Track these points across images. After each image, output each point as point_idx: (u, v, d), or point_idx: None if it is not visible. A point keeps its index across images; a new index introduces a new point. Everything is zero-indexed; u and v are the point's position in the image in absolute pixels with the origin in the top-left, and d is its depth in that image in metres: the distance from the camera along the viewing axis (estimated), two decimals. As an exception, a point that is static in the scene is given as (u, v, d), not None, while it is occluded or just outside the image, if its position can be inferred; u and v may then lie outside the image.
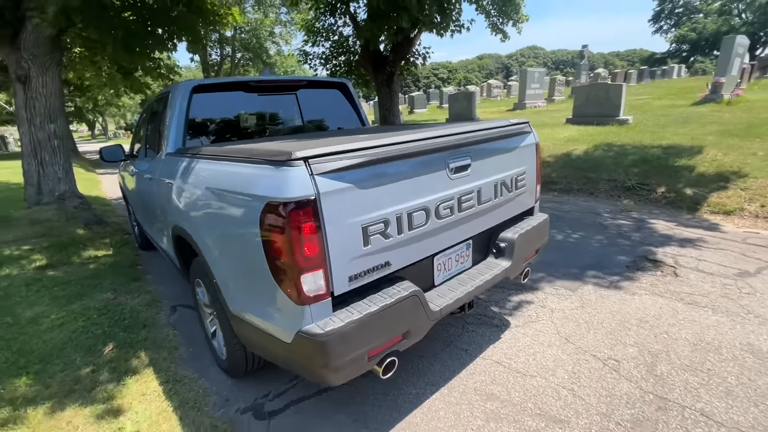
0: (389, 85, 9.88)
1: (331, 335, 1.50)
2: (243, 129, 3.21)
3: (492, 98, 26.62)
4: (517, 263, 2.37)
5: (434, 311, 1.88)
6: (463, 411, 2.13)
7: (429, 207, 1.84)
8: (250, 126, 3.22)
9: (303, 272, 1.47)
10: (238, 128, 3.20)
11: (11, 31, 5.41)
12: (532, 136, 2.53)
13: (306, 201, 1.42)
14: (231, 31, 20.18)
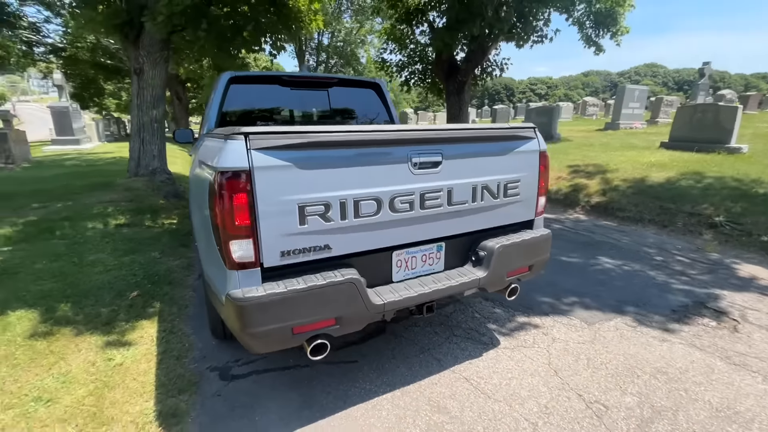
0: (459, 94, 9.74)
1: (250, 302, 1.59)
2: (273, 117, 3.50)
3: (587, 116, 24.50)
4: (495, 276, 2.20)
5: (376, 304, 1.85)
6: (407, 416, 2.05)
7: (381, 198, 1.83)
8: (278, 115, 3.50)
9: (232, 239, 1.59)
10: (269, 116, 3.50)
11: (135, 33, 6.60)
12: (536, 143, 2.33)
13: (239, 172, 1.54)
14: (315, 34, 21.75)
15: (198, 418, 2.03)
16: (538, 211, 2.46)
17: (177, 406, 2.08)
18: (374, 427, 1.98)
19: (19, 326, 2.59)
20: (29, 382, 2.12)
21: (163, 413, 2.02)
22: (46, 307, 2.83)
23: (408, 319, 3.01)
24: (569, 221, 5.86)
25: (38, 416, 1.90)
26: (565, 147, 10.37)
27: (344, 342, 2.70)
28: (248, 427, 1.98)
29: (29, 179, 8.14)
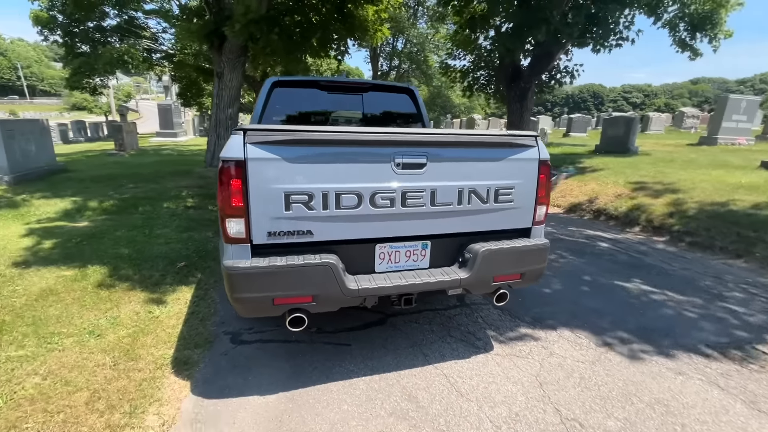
0: (521, 101, 9.44)
1: (237, 271, 1.88)
2: (309, 119, 3.86)
3: (683, 129, 21.79)
4: (478, 279, 2.25)
5: (351, 289, 2.04)
6: (377, 398, 2.20)
7: (362, 193, 2.02)
8: (315, 117, 3.85)
9: (229, 218, 1.90)
10: (307, 118, 3.86)
11: (219, 41, 7.57)
12: (535, 152, 2.32)
13: (236, 162, 1.84)
14: (390, 38, 22.18)
15: (204, 369, 2.40)
16: (537, 220, 2.44)
17: (190, 356, 2.48)
18: (344, 402, 2.17)
19: (92, 277, 3.25)
20: (89, 320, 2.68)
21: (179, 360, 2.43)
22: (115, 266, 3.48)
23: (409, 314, 3.14)
24: (621, 241, 5.42)
25: (88, 345, 2.42)
26: (638, 162, 9.45)
27: (344, 327, 2.93)
28: (240, 383, 2.29)
29: (132, 164, 9.70)
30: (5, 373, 2.11)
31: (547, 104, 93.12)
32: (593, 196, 7.45)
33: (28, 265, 3.44)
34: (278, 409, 2.10)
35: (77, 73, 14.66)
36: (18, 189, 6.37)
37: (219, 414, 2.05)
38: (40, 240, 4.02)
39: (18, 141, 7.05)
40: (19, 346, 2.34)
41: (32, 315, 2.68)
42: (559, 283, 3.88)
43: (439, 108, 59.12)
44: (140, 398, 2.06)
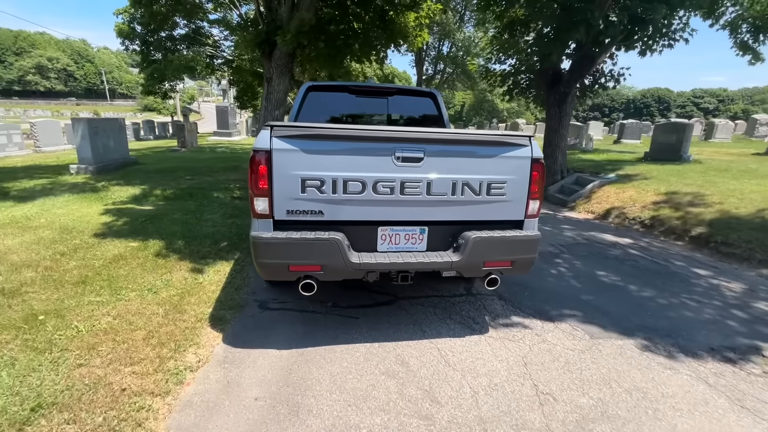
0: (560, 106, 9.30)
1: (260, 240, 2.31)
2: (339, 119, 4.28)
3: (755, 138, 19.89)
4: (469, 262, 2.51)
5: (353, 262, 2.40)
6: (373, 360, 2.54)
7: (366, 181, 2.37)
8: (344, 117, 4.26)
9: (256, 197, 2.33)
10: (336, 118, 4.29)
11: (269, 49, 8.30)
12: (527, 150, 2.54)
13: (264, 151, 2.27)
14: (437, 42, 22.33)
15: (234, 326, 2.87)
16: (529, 213, 2.65)
17: (224, 315, 2.96)
18: (345, 360, 2.53)
19: (152, 248, 3.89)
20: (148, 280, 3.28)
21: (215, 317, 2.92)
22: (170, 241, 4.12)
23: (416, 298, 3.44)
24: (649, 248, 5.32)
25: (146, 299, 2.99)
26: (687, 170, 8.98)
27: (356, 304, 3.29)
28: (262, 339, 2.73)
29: (190, 159, 10.80)
30: (87, 312, 2.72)
31: (605, 109, 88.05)
32: (629, 203, 7.25)
33: (105, 237, 4.17)
34: (290, 361, 2.51)
35: (150, 79, 16.39)
36: (99, 177, 7.46)
37: (243, 359, 2.50)
38: (114, 218, 4.82)
39: (100, 137, 8.21)
40: (97, 295, 2.96)
41: (107, 273, 3.33)
42: (571, 282, 3.99)
43: (486, 112, 58.16)
44: (183, 340, 2.56)
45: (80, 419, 1.83)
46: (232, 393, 2.19)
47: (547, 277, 4.11)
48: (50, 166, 9.47)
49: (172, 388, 2.16)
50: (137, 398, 2.02)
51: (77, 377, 2.09)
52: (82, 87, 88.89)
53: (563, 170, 9.69)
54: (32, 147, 13.27)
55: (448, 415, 2.10)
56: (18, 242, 3.83)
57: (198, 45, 18.07)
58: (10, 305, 2.72)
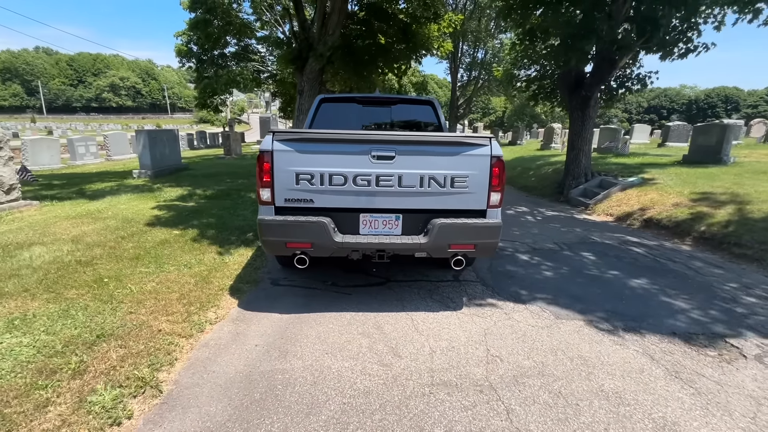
0: (583, 110, 9.33)
1: (264, 222, 2.93)
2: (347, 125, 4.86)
3: (826, 139, 18.08)
4: (435, 244, 2.97)
5: (336, 241, 2.94)
6: (355, 324, 3.06)
7: (347, 175, 2.91)
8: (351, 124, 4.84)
9: (261, 188, 2.96)
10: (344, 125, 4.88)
11: (302, 64, 9.17)
12: (487, 149, 2.96)
13: (268, 152, 2.89)
14: (471, 50, 22.48)
15: (248, 296, 3.51)
16: (491, 204, 3.06)
17: (242, 288, 3.62)
18: (331, 323, 3.07)
19: (190, 235, 4.70)
20: (185, 259, 4.04)
21: (234, 288, 3.59)
22: (205, 230, 4.92)
23: (405, 282, 3.91)
24: (656, 248, 5.38)
25: (182, 271, 3.73)
26: (720, 173, 8.65)
27: (352, 284, 3.83)
28: (269, 306, 3.34)
29: (233, 165, 11.95)
30: (138, 278, 3.49)
31: (662, 111, 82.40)
32: (649, 205, 7.21)
33: (154, 225, 5.06)
34: (288, 322, 3.09)
35: (203, 93, 18.13)
36: (155, 180, 8.64)
37: (251, 319, 3.12)
38: (163, 212, 5.75)
39: (158, 146, 9.47)
40: (146, 267, 3.74)
41: (155, 253, 4.14)
42: (558, 273, 4.26)
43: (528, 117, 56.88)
44: (207, 302, 3.23)
45: (128, 345, 2.52)
46: (239, 340, 2.81)
47: (537, 269, 4.41)
48: (118, 171, 10.98)
49: (194, 333, 2.82)
50: (169, 337, 2.69)
51: (128, 320, 2.81)
52: (147, 102, 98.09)
53: (587, 173, 9.66)
54: (105, 156, 15.25)
55: (404, 364, 2.56)
56: (91, 228, 4.79)
57: (246, 61, 19.70)
58: (84, 272, 3.56)
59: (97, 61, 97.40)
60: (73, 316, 2.78)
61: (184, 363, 2.50)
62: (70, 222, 5.00)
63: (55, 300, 3.00)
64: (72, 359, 2.32)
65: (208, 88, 17.62)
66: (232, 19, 15.99)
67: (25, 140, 11.90)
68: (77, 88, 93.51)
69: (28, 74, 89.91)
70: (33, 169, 11.76)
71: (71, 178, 9.67)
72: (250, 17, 18.68)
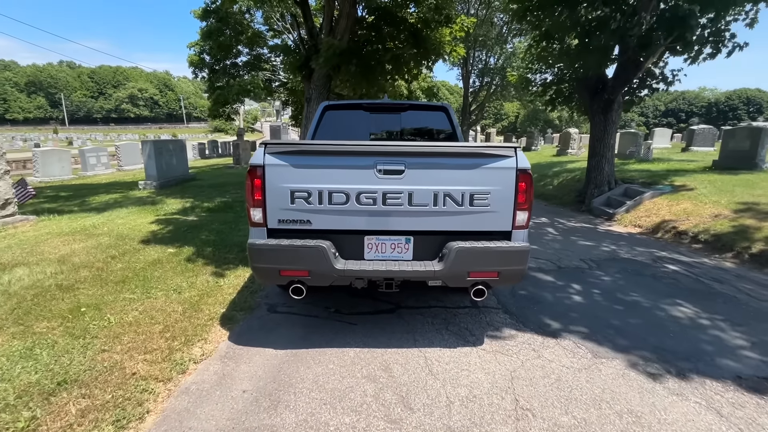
0: (605, 114, 8.80)
1: (254, 247, 2.55)
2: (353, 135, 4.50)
3: None
4: (452, 272, 2.54)
5: (337, 268, 2.54)
6: (359, 364, 2.64)
7: (349, 192, 2.53)
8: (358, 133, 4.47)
9: (252, 207, 2.59)
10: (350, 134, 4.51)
11: (309, 72, 8.90)
12: (512, 161, 2.54)
13: (258, 166, 2.53)
14: (483, 55, 22.00)
15: (241, 325, 3.13)
16: (517, 224, 2.62)
17: (235, 316, 3.25)
18: (332, 363, 2.66)
19: (185, 254, 4.37)
20: (175, 282, 3.70)
21: (226, 317, 3.22)
22: (202, 248, 4.59)
23: (417, 308, 3.49)
24: (696, 266, 4.83)
25: (170, 297, 3.38)
26: (758, 180, 8.00)
27: (357, 311, 3.42)
28: (263, 339, 2.95)
29: (241, 175, 11.73)
30: (120, 306, 3.15)
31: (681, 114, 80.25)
32: (683, 216, 6.63)
33: (149, 243, 4.76)
34: (283, 360, 2.69)
35: (216, 103, 18.14)
36: (160, 191, 8.44)
37: (241, 356, 2.73)
38: (161, 227, 5.46)
39: (164, 156, 9.30)
40: (132, 292, 3.41)
41: (144, 275, 3.81)
42: (590, 299, 3.78)
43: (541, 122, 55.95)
44: (193, 336, 2.87)
45: (93, 395, 2.16)
46: (225, 384, 2.42)
47: (565, 292, 3.93)
48: (126, 182, 10.87)
49: (174, 375, 2.44)
50: (143, 382, 2.33)
51: (99, 360, 2.46)
52: (164, 112, 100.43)
53: (610, 181, 9.09)
54: (116, 166, 15.28)
55: (417, 421, 2.14)
56: (82, 246, 4.51)
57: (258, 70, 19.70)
58: (63, 298, 3.25)
59: (117, 73, 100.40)
60: (37, 357, 2.44)
61: (157, 416, 2.12)
62: (61, 239, 4.75)
63: (22, 335, 2.68)
64: (22, 416, 1.96)
65: (220, 98, 17.62)
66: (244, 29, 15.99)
67: (35, 152, 11.96)
68: (98, 99, 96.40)
69: (52, 87, 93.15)
70: (44, 180, 11.78)
71: (78, 190, 9.57)
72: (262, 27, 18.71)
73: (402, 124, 4.47)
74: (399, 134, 4.47)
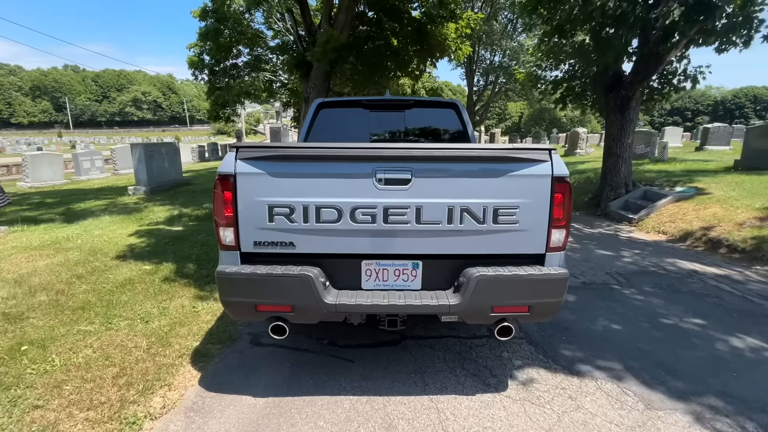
0: (622, 112, 8.24)
1: (223, 276, 2.04)
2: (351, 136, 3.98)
3: None
4: (471, 306, 2.03)
5: (328, 303, 2.03)
6: (356, 420, 2.13)
7: (342, 208, 2.01)
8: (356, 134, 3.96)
9: (221, 226, 2.08)
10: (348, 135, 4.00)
11: (306, 70, 8.41)
12: (546, 167, 2.02)
13: (228, 176, 2.02)
14: (488, 53, 21.48)
15: (217, 363, 2.63)
16: (552, 245, 2.10)
17: (210, 350, 2.74)
18: (322, 419, 2.15)
19: (162, 272, 3.86)
20: (145, 308, 3.19)
21: (199, 352, 2.71)
22: (183, 265, 4.08)
23: (426, 339, 2.97)
24: (739, 280, 4.28)
25: (136, 329, 2.88)
26: (792, 181, 7.40)
27: (355, 343, 2.91)
28: (241, 382, 2.44)
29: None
30: (72, 343, 2.65)
31: (687, 113, 79.11)
32: (714, 222, 6.05)
33: (125, 259, 4.27)
34: (262, 413, 2.18)
35: (215, 105, 17.71)
36: (150, 198, 7.97)
37: (212, 407, 2.22)
38: (141, 239, 4.97)
39: (156, 160, 8.84)
40: (90, 323, 2.91)
41: (110, 299, 3.32)
42: (627, 325, 3.24)
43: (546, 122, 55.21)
44: (155, 380, 2.36)
45: (6, 477, 1.65)
46: (186, 452, 1.91)
47: (596, 316, 3.40)
48: (118, 187, 10.42)
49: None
50: (79, 452, 1.82)
51: (28, 421, 1.95)
52: (167, 115, 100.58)
53: (628, 183, 8.53)
54: (112, 170, 14.87)
55: None
56: (46, 264, 4.03)
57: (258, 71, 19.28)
58: (6, 331, 2.76)
59: (120, 77, 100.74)
60: (-54, 419, 1.94)
61: (89, 506, 1.62)
62: (27, 255, 4.26)
63: (-63, 386, 2.18)
64: None
65: (219, 99, 17.20)
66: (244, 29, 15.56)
67: (25, 156, 11.55)
68: (102, 103, 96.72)
69: (56, 91, 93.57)
70: (34, 186, 11.37)
71: (67, 196, 9.13)
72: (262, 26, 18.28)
73: (406, 124, 3.95)
74: (403, 135, 3.96)
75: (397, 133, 3.96)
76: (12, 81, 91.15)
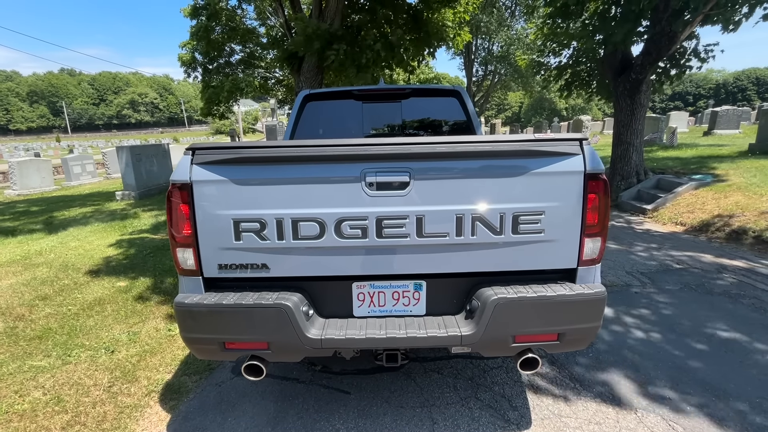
0: (632, 96, 7.78)
1: (182, 307, 1.66)
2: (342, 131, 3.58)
3: None
4: (488, 336, 1.64)
5: (311, 338, 1.65)
6: (351, 477, 1.76)
7: (324, 221, 1.62)
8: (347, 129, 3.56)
9: (178, 246, 1.70)
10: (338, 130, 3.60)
11: (298, 64, 7.98)
12: (578, 161, 1.62)
13: (182, 185, 1.63)
14: (486, 43, 20.91)
15: (191, 401, 2.26)
16: (585, 258, 1.70)
17: (184, 384, 2.37)
18: (311, 474, 1.78)
19: (137, 289, 3.49)
20: (112, 334, 2.82)
21: (171, 387, 2.34)
22: (161, 279, 3.71)
23: (433, 361, 2.59)
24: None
25: (98, 361, 2.51)
26: (817, 164, 6.96)
27: (352, 369, 2.54)
28: (217, 422, 2.08)
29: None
30: (19, 383, 2.28)
31: (688, 97, 77.99)
32: (736, 211, 5.64)
33: (98, 274, 3.90)
34: (238, 468, 1.81)
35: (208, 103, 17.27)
36: (138, 203, 7.59)
37: (179, 461, 1.86)
38: (119, 251, 4.60)
39: (144, 163, 8.45)
40: (46, 356, 2.54)
41: (73, 324, 2.95)
42: (661, 336, 2.85)
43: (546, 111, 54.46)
44: (112, 429, 1.99)
45: None
46: None
47: (623, 326, 3.01)
48: (108, 192, 10.05)
49: None
50: None
51: (-54, 496, 1.59)
52: (165, 116, 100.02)
53: (639, 172, 8.10)
54: (104, 174, 14.50)
55: None
56: (10, 283, 3.66)
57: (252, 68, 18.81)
58: (-54, 370, 2.39)
59: (116, 79, 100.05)
60: None
61: None
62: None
63: None
64: None
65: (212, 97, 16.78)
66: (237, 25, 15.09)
67: (11, 162, 11.17)
68: (99, 106, 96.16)
69: (53, 96, 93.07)
70: (21, 193, 11.02)
71: (53, 203, 8.76)
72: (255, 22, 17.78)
73: (403, 115, 3.54)
74: (400, 128, 3.55)
75: (393, 127, 3.56)
76: (9, 87, 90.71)
